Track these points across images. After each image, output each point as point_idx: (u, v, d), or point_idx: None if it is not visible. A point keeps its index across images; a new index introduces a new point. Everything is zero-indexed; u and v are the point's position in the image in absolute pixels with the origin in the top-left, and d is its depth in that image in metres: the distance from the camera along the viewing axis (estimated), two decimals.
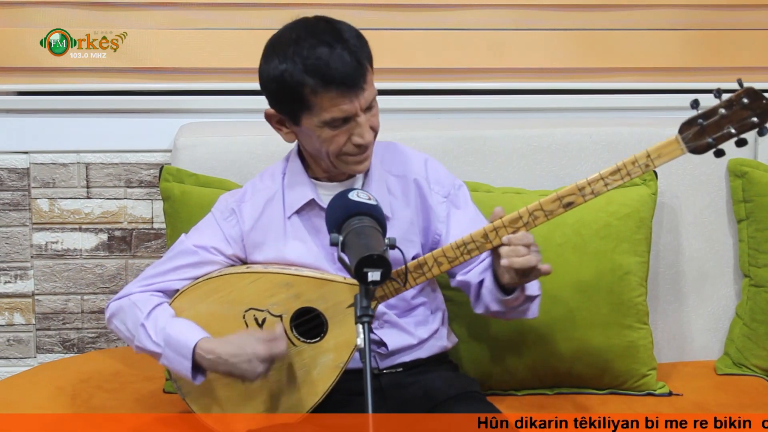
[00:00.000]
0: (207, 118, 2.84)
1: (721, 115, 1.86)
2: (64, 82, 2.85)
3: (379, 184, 2.13)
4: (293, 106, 2.02)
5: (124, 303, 2.13)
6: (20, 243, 2.89)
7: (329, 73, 1.95)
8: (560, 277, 2.44)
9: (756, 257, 2.62)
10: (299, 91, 1.98)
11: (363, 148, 2.04)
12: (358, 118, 2.00)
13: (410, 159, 2.21)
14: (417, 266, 1.98)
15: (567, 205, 1.93)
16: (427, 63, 2.89)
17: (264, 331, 2.03)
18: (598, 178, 1.92)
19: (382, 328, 2.13)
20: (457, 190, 2.21)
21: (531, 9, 2.88)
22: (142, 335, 2.08)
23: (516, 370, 2.46)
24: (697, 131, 1.87)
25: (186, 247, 2.15)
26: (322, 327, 2.04)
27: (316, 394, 2.06)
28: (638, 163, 1.90)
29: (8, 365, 2.94)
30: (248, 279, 2.07)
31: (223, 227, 2.16)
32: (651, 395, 2.48)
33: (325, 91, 1.97)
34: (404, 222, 2.15)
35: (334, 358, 2.03)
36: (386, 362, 2.14)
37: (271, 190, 2.17)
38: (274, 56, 2.01)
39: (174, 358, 2.04)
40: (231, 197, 2.21)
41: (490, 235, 1.94)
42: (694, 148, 1.89)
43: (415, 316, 2.16)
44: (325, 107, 1.98)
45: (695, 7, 2.92)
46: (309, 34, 1.99)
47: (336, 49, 1.96)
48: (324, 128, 2.01)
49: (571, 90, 2.93)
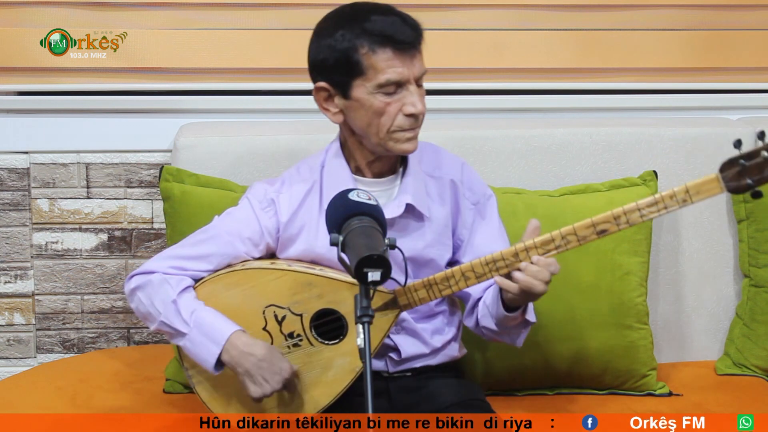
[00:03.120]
0: (207, 118, 2.84)
1: (764, 158, 1.86)
2: (64, 82, 2.85)
3: (418, 184, 2.12)
4: (347, 72, 2.01)
5: (155, 278, 2.08)
6: (20, 243, 2.89)
7: (386, 33, 1.98)
8: (560, 277, 2.43)
9: (756, 257, 2.62)
10: (354, 54, 1.99)
11: (414, 120, 2.02)
12: (410, 86, 2.01)
13: (448, 160, 2.20)
14: (444, 279, 1.98)
15: (600, 233, 1.94)
16: (427, 63, 2.87)
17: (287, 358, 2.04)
18: (635, 208, 1.93)
19: (398, 334, 2.13)
20: (486, 200, 2.20)
21: (531, 9, 2.88)
22: (171, 312, 2.05)
23: (516, 370, 2.46)
24: (738, 171, 1.88)
25: (218, 233, 2.11)
26: (342, 329, 2.04)
27: (330, 395, 2.05)
28: (677, 197, 1.91)
29: (8, 365, 2.94)
30: (272, 275, 2.06)
31: (260, 217, 2.12)
32: (651, 395, 2.48)
33: (381, 50, 1.98)
34: (440, 224, 2.14)
35: (351, 362, 2.03)
36: (397, 367, 2.14)
37: (309, 182, 2.14)
38: (328, 28, 2.03)
39: (201, 342, 2.02)
40: (270, 186, 2.16)
41: (521, 255, 1.94)
42: (734, 189, 1.89)
43: (434, 323, 2.15)
44: (380, 68, 1.98)
45: (695, 7, 2.92)
46: (362, 7, 2.03)
47: (392, 14, 2.01)
48: (377, 95, 2.00)
49: (571, 90, 2.93)
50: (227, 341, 2.01)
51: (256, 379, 2.00)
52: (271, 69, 2.85)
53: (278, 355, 2.02)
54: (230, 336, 2.01)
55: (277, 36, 2.83)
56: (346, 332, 2.03)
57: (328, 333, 2.05)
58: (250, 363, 2.00)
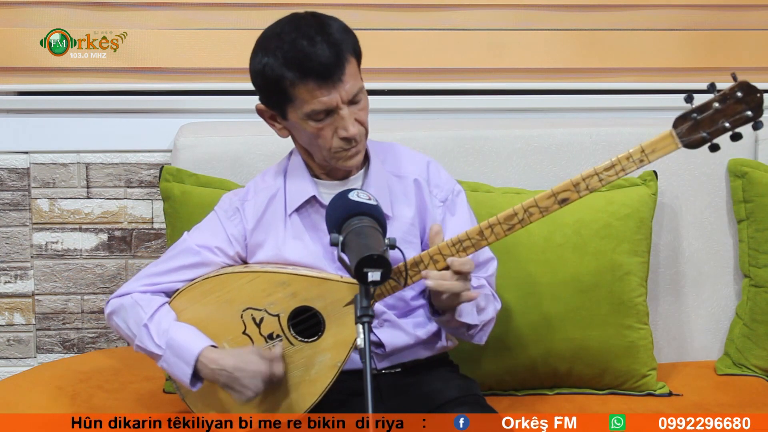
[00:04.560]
0: (207, 118, 2.84)
1: (715, 109, 1.85)
2: (64, 82, 2.85)
3: (380, 184, 2.13)
4: (278, 100, 2.03)
5: (126, 301, 2.12)
6: (20, 243, 2.89)
7: (306, 65, 1.96)
8: (560, 277, 2.44)
9: (756, 257, 2.62)
10: (280, 84, 2.00)
11: (350, 142, 2.03)
12: (340, 111, 2.00)
13: (412, 160, 2.21)
14: (413, 264, 1.97)
15: (562, 201, 1.92)
16: (427, 63, 2.88)
17: (264, 351, 2.03)
18: (593, 173, 1.90)
19: (380, 328, 2.13)
20: (455, 196, 2.20)
21: (531, 9, 2.88)
22: (144, 336, 2.08)
23: (516, 370, 2.46)
24: (692, 125, 1.86)
25: (188, 246, 2.15)
26: (319, 326, 2.04)
27: (315, 393, 2.05)
28: (633, 158, 1.89)
29: (8, 365, 2.94)
30: (245, 278, 2.07)
31: (227, 226, 2.16)
32: (651, 395, 2.48)
33: (302, 83, 1.98)
34: (405, 223, 2.14)
35: (332, 357, 2.03)
36: (384, 363, 2.14)
37: (273, 188, 2.17)
38: (259, 51, 2.03)
39: (175, 362, 2.05)
40: (234, 196, 2.21)
41: (485, 233, 1.94)
42: (688, 143, 1.87)
43: (414, 317, 2.16)
44: (306, 99, 1.99)
45: (695, 7, 2.92)
46: (293, 28, 2.01)
47: (316, 41, 1.97)
48: (308, 121, 2.02)
49: (571, 90, 2.93)
50: (197, 360, 2.03)
51: (235, 388, 2.01)
52: None
53: (252, 359, 2.01)
54: (198, 356, 2.03)
55: None
56: (323, 328, 2.03)
57: (307, 330, 2.05)
58: (223, 377, 2.02)
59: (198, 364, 2.03)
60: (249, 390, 2.00)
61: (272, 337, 2.06)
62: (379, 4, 2.82)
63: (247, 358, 2.01)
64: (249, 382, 2.00)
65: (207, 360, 2.02)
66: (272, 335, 2.06)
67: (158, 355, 2.07)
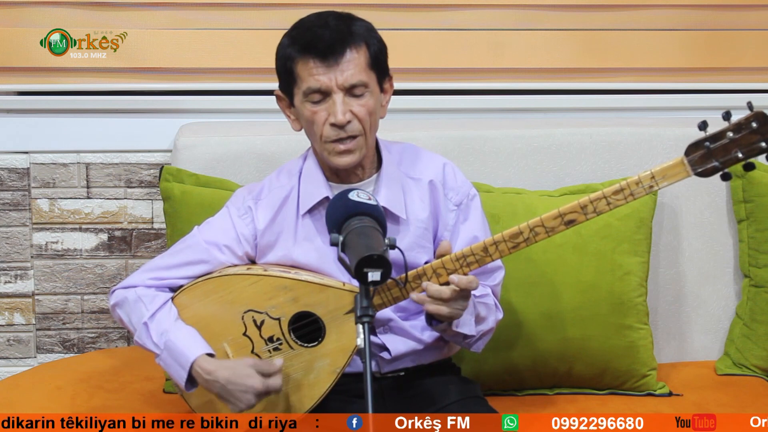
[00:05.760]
0: (207, 118, 2.84)
1: (729, 138, 1.82)
2: (64, 82, 2.85)
3: (394, 186, 2.11)
4: (286, 81, 2.07)
5: (130, 295, 2.12)
6: (20, 243, 2.89)
7: (309, 41, 2.00)
8: (560, 277, 2.44)
9: (756, 257, 2.62)
10: (288, 62, 2.04)
11: (339, 131, 2.02)
12: (334, 95, 2.01)
13: (428, 161, 2.19)
14: (416, 276, 1.97)
15: (568, 223, 1.91)
16: (427, 63, 2.89)
17: (264, 362, 2.01)
18: (601, 197, 1.89)
19: (386, 334, 2.12)
20: (469, 200, 2.18)
21: (531, 9, 2.88)
22: (143, 333, 2.08)
23: (516, 370, 2.46)
24: (704, 154, 1.83)
25: (196, 242, 2.13)
26: (320, 332, 2.04)
27: (313, 397, 2.06)
28: (642, 184, 1.87)
29: (8, 365, 2.94)
30: (248, 280, 2.07)
31: (237, 225, 2.14)
32: (651, 395, 2.48)
33: (303, 59, 2.01)
34: (419, 227, 2.13)
35: (332, 363, 2.03)
36: (388, 367, 2.14)
37: (287, 188, 2.15)
38: (283, 37, 2.08)
39: (171, 364, 2.05)
40: (248, 194, 2.18)
41: (489, 249, 1.93)
42: (700, 172, 1.84)
43: (422, 319, 2.15)
44: (304, 78, 2.02)
45: (695, 7, 2.92)
46: (316, 16, 2.06)
47: (328, 25, 2.01)
48: (306, 103, 2.03)
49: (571, 90, 2.93)
50: (191, 368, 2.03)
51: (228, 399, 2.02)
52: (271, 69, 2.83)
53: (247, 372, 2.00)
54: (193, 363, 2.03)
55: (276, 36, 2.79)
56: (324, 334, 2.04)
57: (307, 335, 2.05)
58: (216, 388, 2.02)
59: (192, 371, 2.03)
60: (241, 403, 2.00)
61: (272, 340, 2.06)
62: (379, 4, 2.82)
63: (242, 372, 2.00)
64: (241, 396, 1.99)
65: (201, 369, 2.02)
66: (272, 338, 2.06)
67: (156, 353, 2.08)
